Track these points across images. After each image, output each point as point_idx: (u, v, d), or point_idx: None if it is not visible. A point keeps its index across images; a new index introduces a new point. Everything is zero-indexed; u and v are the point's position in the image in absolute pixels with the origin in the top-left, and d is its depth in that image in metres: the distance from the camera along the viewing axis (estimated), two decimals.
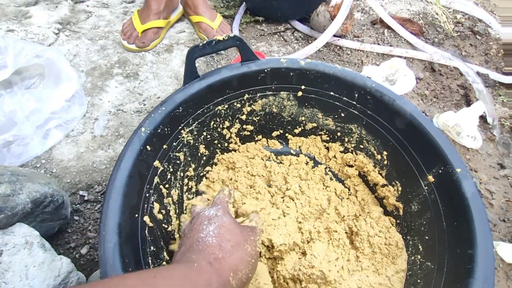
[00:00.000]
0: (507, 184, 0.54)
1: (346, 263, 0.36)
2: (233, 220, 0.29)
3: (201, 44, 0.36)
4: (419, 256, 0.37)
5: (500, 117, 0.66)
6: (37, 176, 0.38)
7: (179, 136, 0.39)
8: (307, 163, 0.48)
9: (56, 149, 0.51)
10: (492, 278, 0.28)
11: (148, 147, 0.33)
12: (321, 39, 0.68)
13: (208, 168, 0.46)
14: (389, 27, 0.80)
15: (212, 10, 0.75)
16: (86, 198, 0.45)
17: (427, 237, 0.37)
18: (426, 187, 0.37)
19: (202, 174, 0.45)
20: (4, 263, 0.29)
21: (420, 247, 0.37)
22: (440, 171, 0.35)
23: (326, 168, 0.48)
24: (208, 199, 0.41)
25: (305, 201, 0.42)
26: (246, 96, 0.43)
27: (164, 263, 0.34)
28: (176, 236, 0.38)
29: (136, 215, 0.31)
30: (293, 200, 0.42)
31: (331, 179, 0.46)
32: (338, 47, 0.74)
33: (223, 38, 0.37)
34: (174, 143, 0.38)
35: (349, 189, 0.46)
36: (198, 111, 0.40)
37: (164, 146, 0.37)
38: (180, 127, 0.38)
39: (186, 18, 0.79)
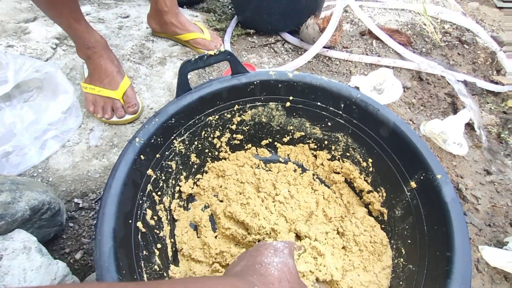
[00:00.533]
0: (493, 189, 0.58)
1: (342, 263, 0.40)
2: (295, 266, 0.29)
3: (193, 59, 0.40)
4: (402, 259, 0.40)
5: (487, 124, 0.70)
6: (35, 185, 0.42)
7: (172, 146, 0.43)
8: (295, 170, 0.51)
9: (52, 158, 0.55)
10: (469, 278, 0.31)
11: (142, 156, 0.37)
12: (310, 52, 0.74)
13: (199, 176, 0.50)
14: (377, 38, 0.86)
15: (195, 24, 0.79)
16: (80, 205, 0.49)
17: (409, 241, 0.40)
18: (409, 193, 0.41)
19: (193, 181, 0.49)
20: (4, 267, 0.32)
21: (403, 250, 0.40)
22: (422, 178, 0.39)
23: (314, 175, 0.52)
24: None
25: (295, 205, 0.45)
26: (236, 107, 0.47)
27: (155, 266, 0.37)
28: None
29: (130, 221, 0.35)
30: (283, 204, 0.46)
31: (319, 184, 0.50)
32: (327, 58, 0.80)
33: (215, 53, 0.41)
34: (167, 153, 0.42)
35: (335, 193, 0.49)
36: (190, 122, 0.44)
37: (157, 155, 0.40)
38: (172, 137, 0.42)
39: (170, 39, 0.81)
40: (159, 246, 0.39)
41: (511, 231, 0.52)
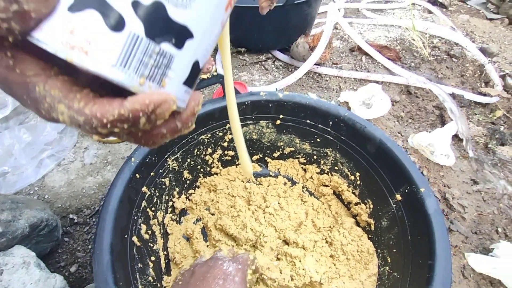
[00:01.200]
0: (479, 198, 0.62)
1: (328, 270, 0.43)
2: None
3: None
4: (387, 268, 0.44)
5: (474, 135, 0.76)
6: (34, 203, 0.46)
7: (165, 164, 0.47)
8: (285, 184, 0.56)
9: (48, 177, 0.60)
10: (448, 285, 0.34)
11: (137, 175, 0.41)
12: (301, 70, 0.80)
13: (191, 191, 0.54)
14: (367, 54, 0.93)
15: None
16: (75, 221, 0.53)
17: (394, 250, 0.43)
18: (395, 205, 0.44)
19: (186, 196, 0.53)
20: (4, 281, 0.36)
21: (388, 259, 0.44)
22: (406, 191, 0.42)
23: (303, 187, 0.56)
24: (234, 251, 0.43)
25: (285, 216, 0.50)
26: (228, 125, 0.52)
27: (150, 278, 0.40)
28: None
29: (126, 236, 0.38)
30: (273, 216, 0.50)
31: (308, 196, 0.54)
32: (317, 74, 0.86)
33: (207, 77, 0.46)
34: (161, 170, 0.47)
35: (323, 204, 0.54)
36: (183, 141, 0.49)
37: (152, 173, 0.45)
38: (166, 156, 0.47)
39: None
40: (153, 258, 0.43)
41: (497, 238, 0.57)
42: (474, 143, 0.74)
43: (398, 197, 0.43)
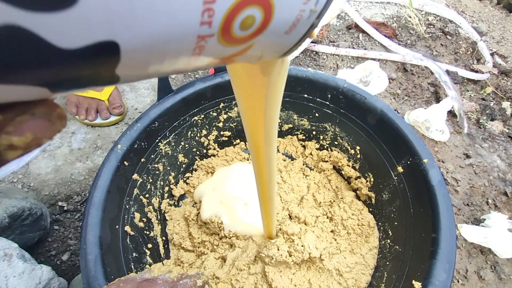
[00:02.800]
0: (471, 171, 0.63)
1: (328, 246, 0.42)
2: None
3: None
4: (388, 241, 0.43)
5: (467, 111, 0.76)
6: (14, 192, 0.42)
7: (157, 149, 0.44)
8: (284, 160, 0.54)
9: (33, 164, 0.55)
10: (453, 259, 0.33)
11: (125, 162, 0.38)
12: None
13: (188, 174, 0.51)
14: (364, 31, 0.90)
15: None
16: (65, 208, 0.50)
17: (396, 223, 0.42)
18: (396, 177, 0.43)
19: (183, 180, 0.50)
20: None
21: (390, 232, 0.43)
22: (408, 162, 0.41)
23: (303, 164, 0.54)
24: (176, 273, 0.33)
25: (288, 188, 0.48)
26: (222, 104, 0.49)
27: (147, 266, 0.38)
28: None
29: (117, 226, 0.36)
30: (279, 187, 0.48)
31: (310, 170, 0.53)
32: (314, 52, 0.83)
33: None
34: (152, 156, 0.43)
35: (324, 179, 0.52)
36: (175, 123, 0.45)
37: (142, 160, 0.41)
38: (157, 140, 0.43)
39: None
40: (150, 246, 0.40)
41: (488, 209, 0.58)
42: (467, 118, 0.74)
43: (400, 169, 0.42)
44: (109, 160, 0.36)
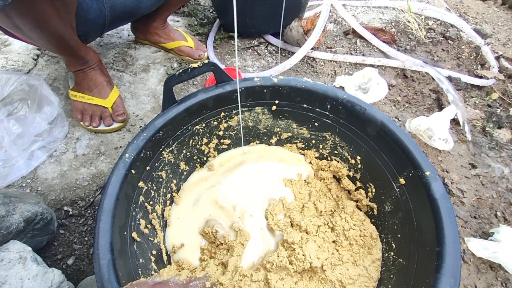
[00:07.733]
0: (478, 182, 0.62)
1: (330, 256, 0.43)
2: None
3: (177, 73, 0.43)
4: (392, 253, 0.43)
5: (472, 118, 0.76)
6: (27, 196, 0.45)
7: (161, 157, 0.46)
8: None
9: (40, 168, 0.59)
10: (458, 273, 0.33)
11: (132, 171, 0.40)
12: (296, 56, 0.79)
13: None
14: (361, 37, 0.92)
15: (178, 31, 0.83)
16: (70, 213, 0.53)
17: (399, 235, 0.42)
18: (398, 189, 0.43)
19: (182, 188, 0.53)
20: (1, 277, 0.35)
21: (393, 244, 0.43)
22: (410, 174, 0.41)
23: None
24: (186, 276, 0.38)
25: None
26: (222, 114, 0.51)
27: (152, 272, 0.40)
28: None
29: (125, 233, 0.38)
30: None
31: (311, 178, 0.54)
32: (311, 59, 0.85)
33: (198, 65, 0.44)
34: (156, 164, 0.46)
35: (324, 187, 0.54)
36: (178, 132, 0.47)
37: (147, 168, 0.44)
38: (161, 149, 0.45)
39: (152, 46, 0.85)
40: (154, 252, 0.43)
41: (497, 222, 0.56)
42: (472, 126, 0.75)
43: (402, 180, 0.42)
44: (118, 169, 0.39)
